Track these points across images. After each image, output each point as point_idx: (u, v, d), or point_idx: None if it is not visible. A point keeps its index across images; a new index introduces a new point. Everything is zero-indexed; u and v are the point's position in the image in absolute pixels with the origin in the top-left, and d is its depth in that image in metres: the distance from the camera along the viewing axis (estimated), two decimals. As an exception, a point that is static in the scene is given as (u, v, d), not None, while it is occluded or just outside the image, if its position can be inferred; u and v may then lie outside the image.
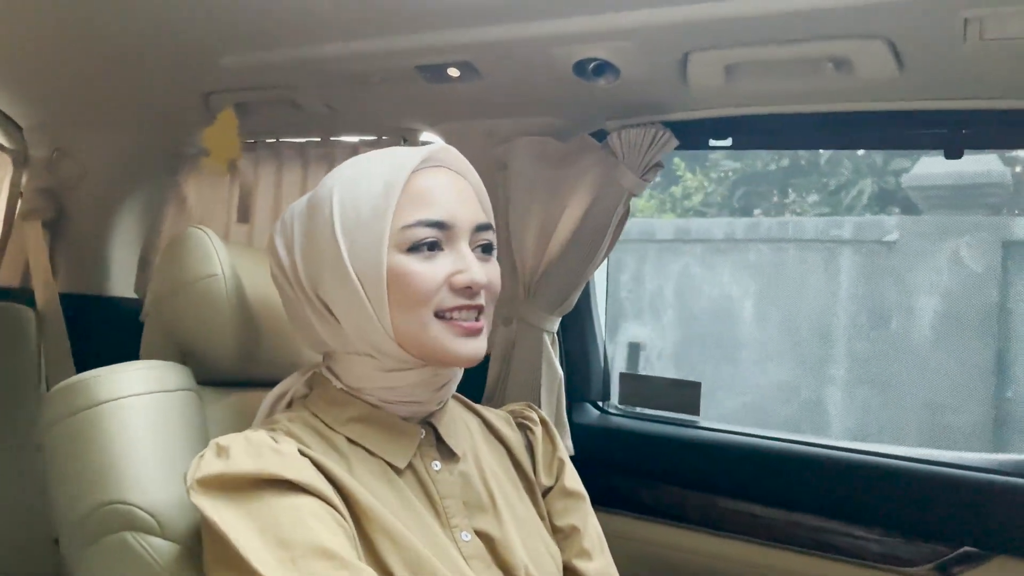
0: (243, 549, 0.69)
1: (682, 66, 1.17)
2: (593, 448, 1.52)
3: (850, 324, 4.45)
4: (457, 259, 0.83)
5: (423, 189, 0.83)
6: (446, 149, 0.87)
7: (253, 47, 1.33)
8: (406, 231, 0.81)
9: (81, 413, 0.84)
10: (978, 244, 4.00)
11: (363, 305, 0.81)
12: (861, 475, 1.33)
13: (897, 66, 1.07)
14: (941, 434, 3.92)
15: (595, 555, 0.96)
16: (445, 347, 0.82)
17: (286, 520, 0.71)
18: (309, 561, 0.69)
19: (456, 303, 0.82)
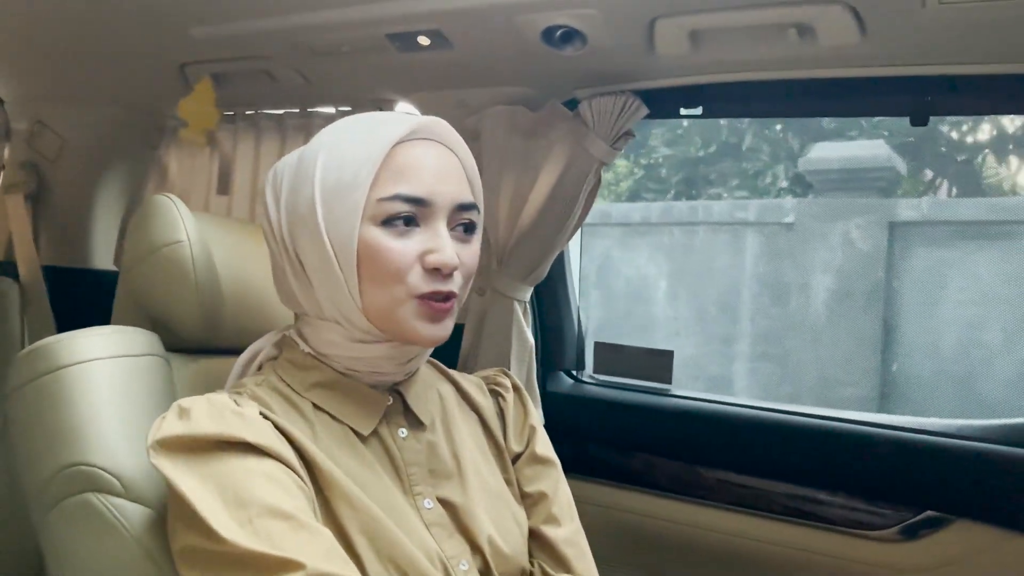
0: (201, 509, 0.70)
1: (649, 33, 1.17)
2: (567, 416, 1.53)
3: (753, 302, 4.62)
4: (431, 237, 0.81)
5: (405, 162, 0.81)
6: (437, 122, 0.84)
7: (223, 17, 1.33)
8: (382, 204, 0.79)
9: (44, 376, 0.85)
10: (867, 225, 4.16)
11: (334, 272, 0.81)
12: (829, 441, 1.35)
13: (859, 32, 1.07)
14: (834, 406, 4.02)
15: (564, 521, 0.95)
16: (411, 327, 0.81)
17: (245, 481, 0.72)
18: (266, 521, 0.70)
19: (428, 288, 0.80)
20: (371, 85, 1.53)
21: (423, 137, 0.84)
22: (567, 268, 1.61)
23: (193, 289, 0.98)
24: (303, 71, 1.50)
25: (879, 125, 5.30)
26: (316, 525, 0.73)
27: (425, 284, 0.80)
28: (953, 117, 4.83)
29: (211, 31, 1.38)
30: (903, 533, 1.29)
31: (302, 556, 0.69)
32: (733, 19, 1.11)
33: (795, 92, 1.26)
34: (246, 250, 1.08)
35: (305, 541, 0.70)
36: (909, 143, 5.14)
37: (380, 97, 1.56)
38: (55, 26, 1.45)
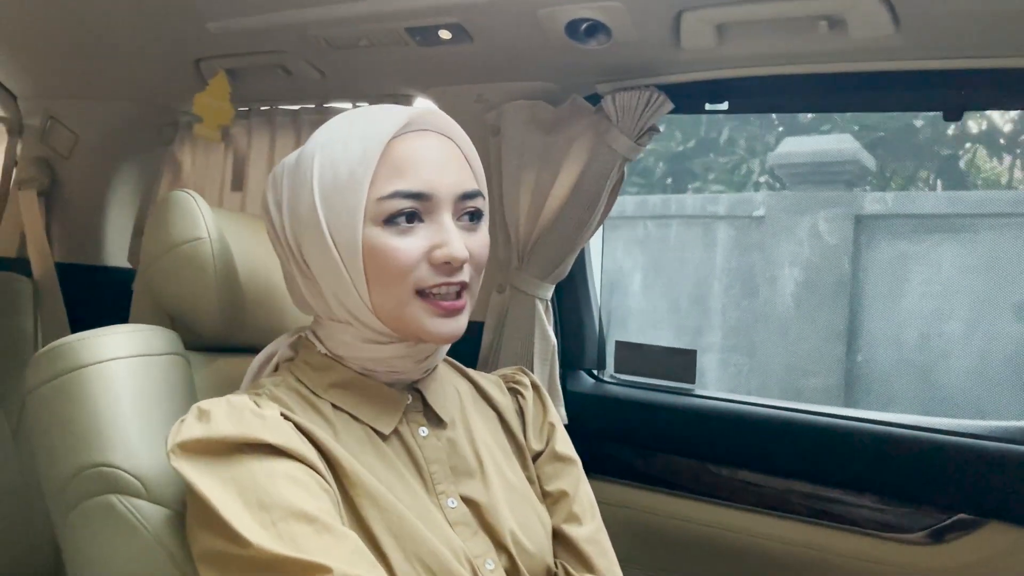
0: (224, 513, 0.69)
1: (674, 26, 1.15)
2: (588, 416, 1.51)
3: (724, 294, 4.74)
4: (437, 232, 0.79)
5: (402, 157, 0.79)
6: (431, 111, 0.83)
7: (239, 11, 1.31)
8: (382, 203, 0.78)
9: (64, 376, 0.84)
10: (833, 218, 4.27)
11: (341, 275, 0.80)
12: (855, 442, 1.32)
13: (893, 24, 1.04)
14: (800, 396, 4.19)
15: (585, 520, 0.94)
16: (423, 326, 0.80)
17: (267, 484, 0.71)
18: (290, 524, 0.69)
19: (437, 280, 0.79)
20: (388, 80, 1.52)
21: (419, 128, 0.82)
22: (588, 266, 1.59)
23: (213, 287, 0.97)
24: (319, 66, 1.48)
25: (853, 120, 5.44)
26: (341, 527, 0.72)
27: (432, 277, 0.79)
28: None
29: (227, 25, 1.36)
30: (932, 536, 1.27)
31: (328, 559, 0.68)
32: (761, 11, 1.09)
33: (824, 86, 1.24)
34: (264, 247, 1.06)
35: (330, 544, 0.69)
36: (880, 138, 5.34)
37: (397, 92, 1.55)
38: (69, 21, 1.44)
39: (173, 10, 1.33)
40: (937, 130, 5.41)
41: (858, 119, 5.38)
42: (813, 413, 1.37)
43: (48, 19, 1.46)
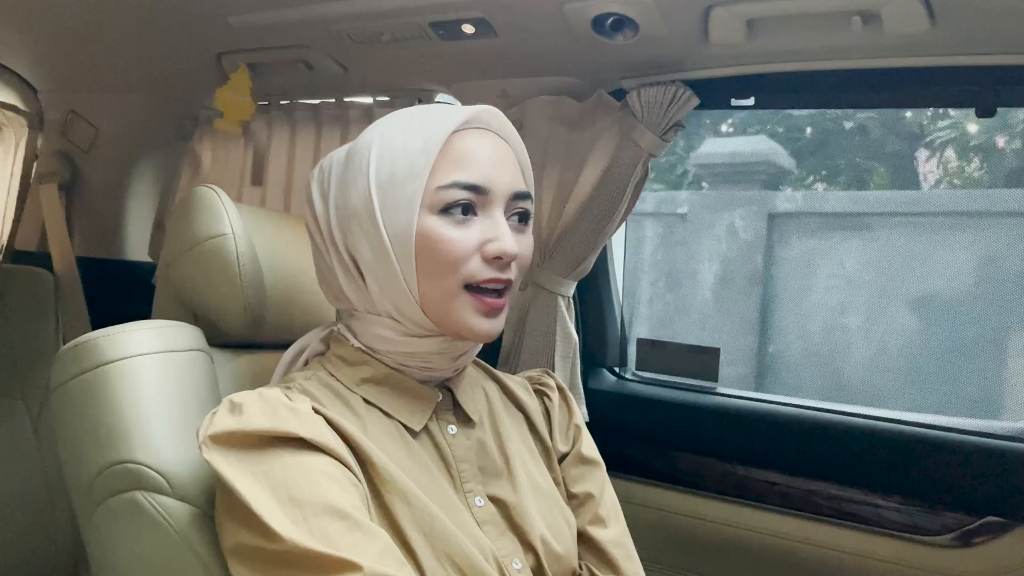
0: (256, 507, 0.68)
1: (703, 21, 1.13)
2: (610, 414, 1.50)
3: (650, 287, 4.95)
4: (490, 226, 0.80)
5: (462, 150, 0.80)
6: (490, 111, 0.84)
7: (262, 6, 1.30)
8: (440, 192, 0.79)
9: (89, 372, 0.83)
10: (749, 216, 4.47)
11: (391, 265, 0.80)
12: (882, 443, 1.31)
13: (928, 19, 1.02)
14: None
15: (610, 522, 0.94)
16: (465, 321, 0.80)
17: (299, 479, 0.71)
18: (321, 520, 0.69)
19: (486, 275, 0.80)
20: (411, 75, 1.51)
21: (477, 127, 0.83)
22: (610, 263, 1.58)
23: (237, 283, 0.96)
24: (341, 60, 1.48)
25: (780, 122, 5.68)
26: (371, 524, 0.71)
27: (483, 271, 0.80)
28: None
29: (249, 20, 1.36)
30: (959, 539, 1.25)
31: (359, 556, 0.67)
32: (793, 6, 1.07)
33: (854, 82, 1.22)
34: (288, 243, 1.06)
35: (361, 541, 0.69)
36: (807, 139, 5.68)
37: (419, 87, 1.54)
38: (90, 15, 1.44)
39: (195, 4, 1.32)
40: (885, 130, 5.54)
41: (786, 122, 5.64)
42: (840, 413, 1.36)
43: (69, 13, 1.45)
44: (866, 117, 5.34)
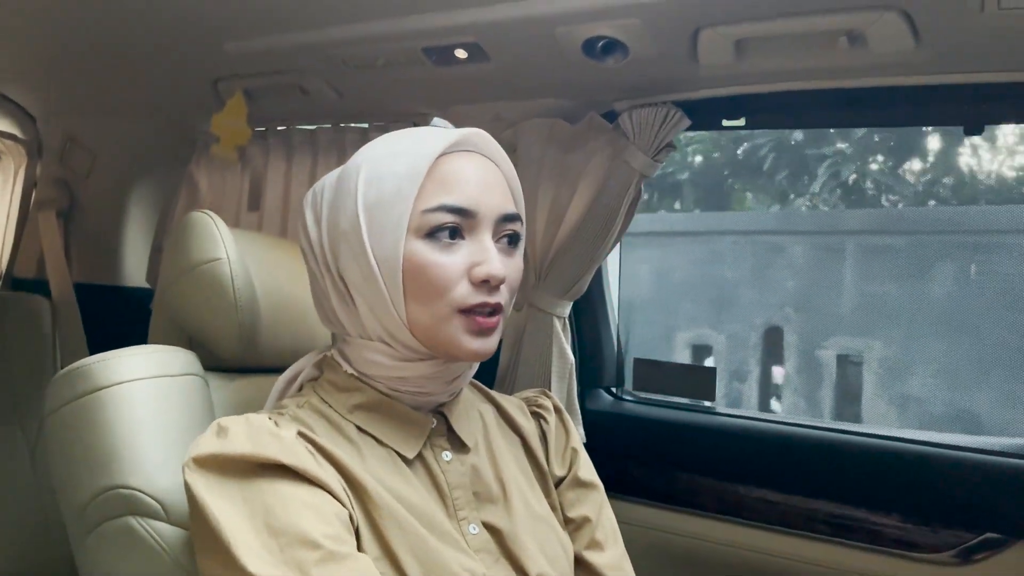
0: (228, 533, 0.68)
1: (692, 43, 1.14)
2: (607, 435, 1.50)
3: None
4: (478, 250, 0.79)
5: (449, 173, 0.80)
6: (478, 134, 0.83)
7: (257, 32, 1.32)
8: (427, 215, 0.78)
9: (83, 398, 0.83)
10: None
11: (379, 288, 0.79)
12: (880, 461, 1.30)
13: (913, 39, 1.03)
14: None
15: (607, 546, 0.93)
16: (457, 341, 0.79)
17: (277, 507, 0.70)
18: (296, 551, 0.68)
19: (475, 300, 0.79)
20: (405, 99, 1.52)
21: (465, 149, 0.83)
22: (605, 283, 1.58)
23: (232, 307, 0.96)
24: (336, 85, 1.49)
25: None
26: (349, 553, 0.70)
27: (472, 296, 0.79)
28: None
29: (244, 46, 1.37)
30: (959, 556, 1.24)
31: None
32: (780, 27, 1.08)
33: (843, 102, 1.23)
34: (283, 267, 1.07)
35: (334, 572, 0.68)
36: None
37: (414, 111, 1.55)
38: (87, 42, 1.45)
39: (191, 31, 1.34)
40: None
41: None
42: (838, 431, 1.36)
43: (67, 42, 1.47)
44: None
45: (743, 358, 4.17)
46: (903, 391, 3.71)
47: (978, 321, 3.30)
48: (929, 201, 4.24)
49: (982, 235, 3.40)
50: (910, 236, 3.63)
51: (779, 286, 1.84)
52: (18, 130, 2.00)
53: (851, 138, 4.82)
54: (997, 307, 3.27)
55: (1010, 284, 3.24)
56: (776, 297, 3.95)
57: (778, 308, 1.39)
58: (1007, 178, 3.72)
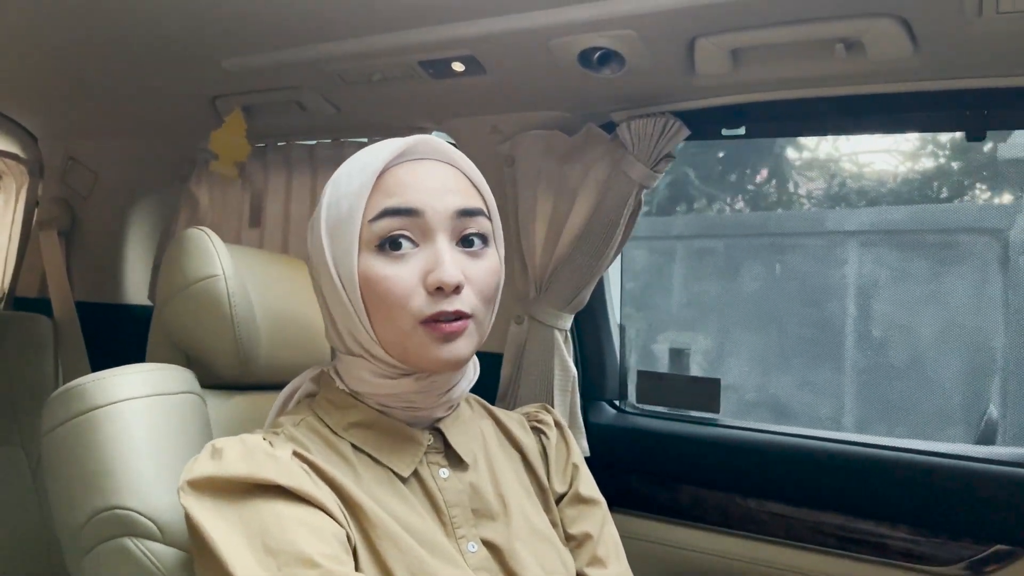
0: (226, 555, 0.68)
1: (688, 53, 1.14)
2: (610, 448, 1.49)
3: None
4: (430, 256, 0.78)
5: (394, 181, 0.79)
6: (425, 139, 0.82)
7: (254, 49, 1.32)
8: (372, 226, 0.78)
9: (78, 417, 0.83)
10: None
11: (346, 307, 0.80)
12: (887, 472, 1.29)
13: (911, 45, 1.03)
14: None
15: (609, 562, 0.92)
16: (425, 354, 0.78)
17: (274, 527, 0.70)
18: (294, 569, 0.67)
19: (433, 310, 0.77)
20: (403, 113, 1.52)
21: (416, 158, 0.82)
22: (607, 295, 1.57)
23: (229, 324, 0.96)
24: (334, 100, 1.49)
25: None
26: (345, 572, 0.69)
27: (429, 306, 0.77)
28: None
29: (242, 62, 1.37)
30: (970, 568, 1.22)
31: None
32: (776, 36, 1.08)
33: (842, 109, 1.22)
34: (281, 284, 1.06)
35: None
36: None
37: (412, 125, 1.55)
38: (87, 62, 1.46)
39: (188, 49, 1.34)
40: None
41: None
42: (844, 442, 1.34)
43: (66, 61, 1.48)
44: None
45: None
46: (722, 380, 3.96)
47: (781, 315, 3.56)
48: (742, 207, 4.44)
49: (783, 237, 3.68)
50: (726, 239, 3.84)
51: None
52: (19, 150, 2.01)
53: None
54: (795, 302, 3.56)
55: (805, 281, 3.57)
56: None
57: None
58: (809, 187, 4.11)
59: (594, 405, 1.56)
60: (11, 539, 1.52)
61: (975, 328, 3.10)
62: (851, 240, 3.44)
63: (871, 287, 3.36)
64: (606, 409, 1.57)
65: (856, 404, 3.32)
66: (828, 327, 3.41)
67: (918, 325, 3.21)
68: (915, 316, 3.24)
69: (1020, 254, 3.02)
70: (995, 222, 3.11)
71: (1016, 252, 3.03)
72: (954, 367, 3.11)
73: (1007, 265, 3.05)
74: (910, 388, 3.15)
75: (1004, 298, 3.05)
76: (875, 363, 3.30)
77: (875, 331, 3.34)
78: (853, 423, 3.23)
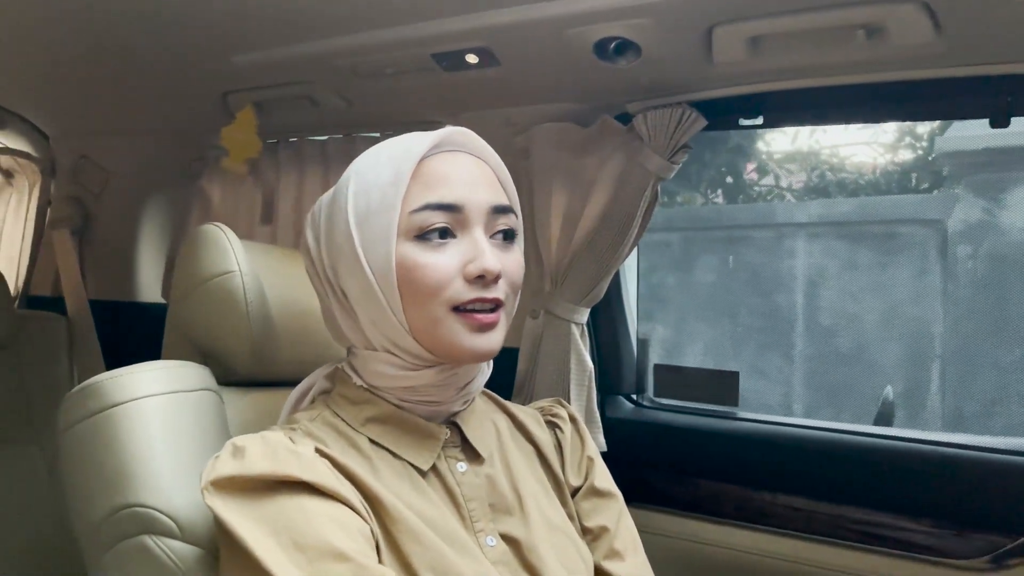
0: (257, 552, 0.67)
1: (706, 41, 1.12)
2: (627, 443, 1.48)
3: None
4: (470, 247, 0.79)
5: (433, 173, 0.80)
6: (460, 131, 0.83)
7: (265, 44, 1.31)
8: (414, 217, 0.78)
9: (96, 415, 0.83)
10: None
11: (377, 298, 0.79)
12: (909, 464, 1.27)
13: (934, 30, 1.01)
14: None
15: (627, 556, 0.91)
16: (457, 342, 0.78)
17: (301, 523, 0.70)
18: (326, 564, 0.67)
19: (471, 295, 0.78)
20: (416, 107, 1.51)
21: (449, 149, 0.83)
22: (623, 288, 1.56)
23: (245, 320, 0.95)
24: (346, 95, 1.48)
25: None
26: (376, 566, 0.69)
27: (467, 292, 0.78)
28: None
29: (253, 58, 1.36)
30: (993, 561, 1.21)
31: None
32: (796, 23, 1.06)
33: (864, 97, 1.20)
34: (297, 279, 1.05)
35: None
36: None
37: (425, 119, 1.54)
38: (98, 60, 1.46)
39: (199, 45, 1.33)
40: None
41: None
42: (864, 435, 1.33)
43: (77, 60, 1.47)
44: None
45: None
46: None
47: (733, 305, 3.73)
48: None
49: (734, 230, 3.81)
50: (681, 232, 3.95)
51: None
52: (32, 149, 2.01)
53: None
54: (746, 292, 3.73)
55: (755, 272, 3.73)
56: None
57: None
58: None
59: (611, 399, 1.55)
60: (28, 538, 1.53)
61: (915, 317, 3.28)
62: (800, 232, 3.61)
63: (819, 277, 3.54)
64: (623, 403, 1.56)
65: (804, 391, 3.49)
66: (777, 316, 3.59)
67: (863, 313, 3.40)
68: (860, 305, 3.41)
69: (957, 244, 3.21)
70: (934, 213, 3.29)
71: (954, 242, 3.22)
72: (896, 354, 3.29)
73: (945, 255, 3.24)
74: (855, 374, 3.33)
75: (943, 287, 3.24)
76: (822, 351, 3.48)
77: (823, 320, 3.51)
78: (802, 409, 3.42)
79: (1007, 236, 3.13)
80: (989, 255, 3.17)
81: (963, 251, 3.21)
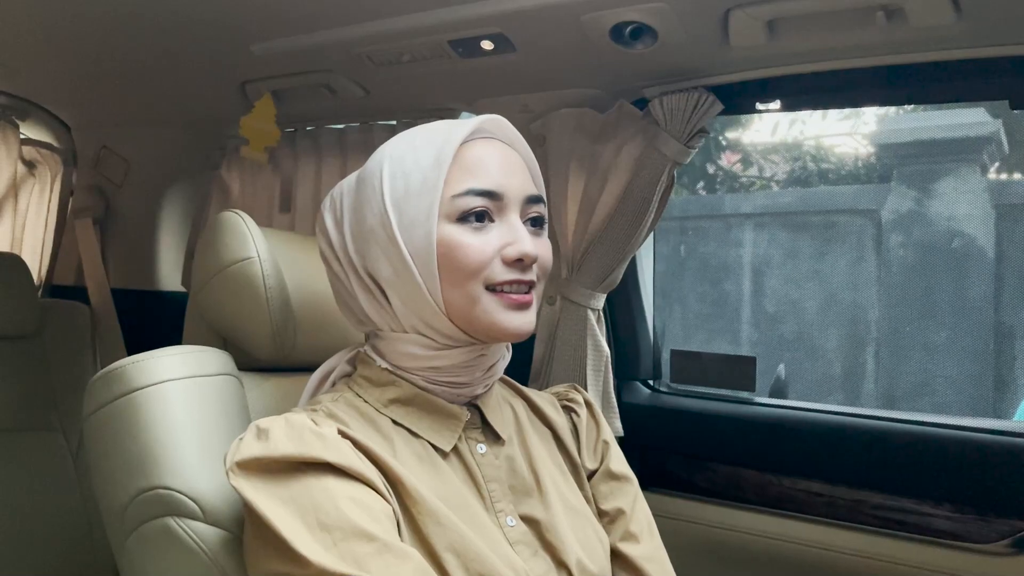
0: (285, 533, 0.68)
1: (723, 24, 1.12)
2: (644, 428, 1.48)
3: None
4: (508, 231, 0.81)
5: (473, 159, 0.82)
6: (495, 120, 0.85)
7: (283, 32, 1.32)
8: (456, 200, 0.80)
9: (119, 399, 0.84)
10: None
11: (413, 278, 0.80)
12: (928, 449, 1.27)
13: (954, 10, 1.00)
14: None
15: (642, 538, 0.93)
16: (495, 320, 0.80)
17: (327, 503, 0.70)
18: (351, 544, 0.68)
19: (508, 277, 0.80)
20: (432, 94, 1.51)
21: (485, 136, 0.85)
22: (640, 274, 1.56)
23: (264, 306, 0.96)
24: (363, 83, 1.48)
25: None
26: (402, 546, 0.70)
27: (504, 273, 0.80)
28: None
29: (271, 47, 1.37)
30: (1014, 546, 1.20)
31: None
32: (814, 5, 1.05)
33: (882, 80, 1.19)
34: (315, 265, 1.06)
35: (392, 563, 0.68)
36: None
37: (442, 106, 1.54)
38: (117, 51, 1.47)
39: (218, 34, 1.34)
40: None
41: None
42: (883, 419, 1.32)
43: (97, 51, 1.49)
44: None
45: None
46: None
47: (685, 293, 3.92)
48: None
49: (686, 220, 3.98)
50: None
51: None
52: (53, 139, 2.03)
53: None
54: (696, 280, 3.91)
55: (703, 260, 3.91)
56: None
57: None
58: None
59: (628, 385, 1.56)
60: (54, 524, 1.55)
61: (852, 302, 3.48)
62: (747, 222, 3.80)
63: (764, 265, 3.72)
64: (640, 389, 1.56)
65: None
66: (725, 303, 3.79)
67: (804, 300, 3.60)
68: (802, 291, 3.62)
69: (890, 233, 3.37)
70: (870, 203, 3.44)
71: (887, 231, 3.38)
72: (835, 338, 3.50)
73: (880, 243, 3.40)
74: (798, 358, 3.54)
75: (877, 274, 3.40)
76: (767, 336, 3.70)
77: (768, 306, 3.71)
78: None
79: (935, 225, 3.30)
80: (919, 243, 3.34)
81: (895, 239, 3.37)
